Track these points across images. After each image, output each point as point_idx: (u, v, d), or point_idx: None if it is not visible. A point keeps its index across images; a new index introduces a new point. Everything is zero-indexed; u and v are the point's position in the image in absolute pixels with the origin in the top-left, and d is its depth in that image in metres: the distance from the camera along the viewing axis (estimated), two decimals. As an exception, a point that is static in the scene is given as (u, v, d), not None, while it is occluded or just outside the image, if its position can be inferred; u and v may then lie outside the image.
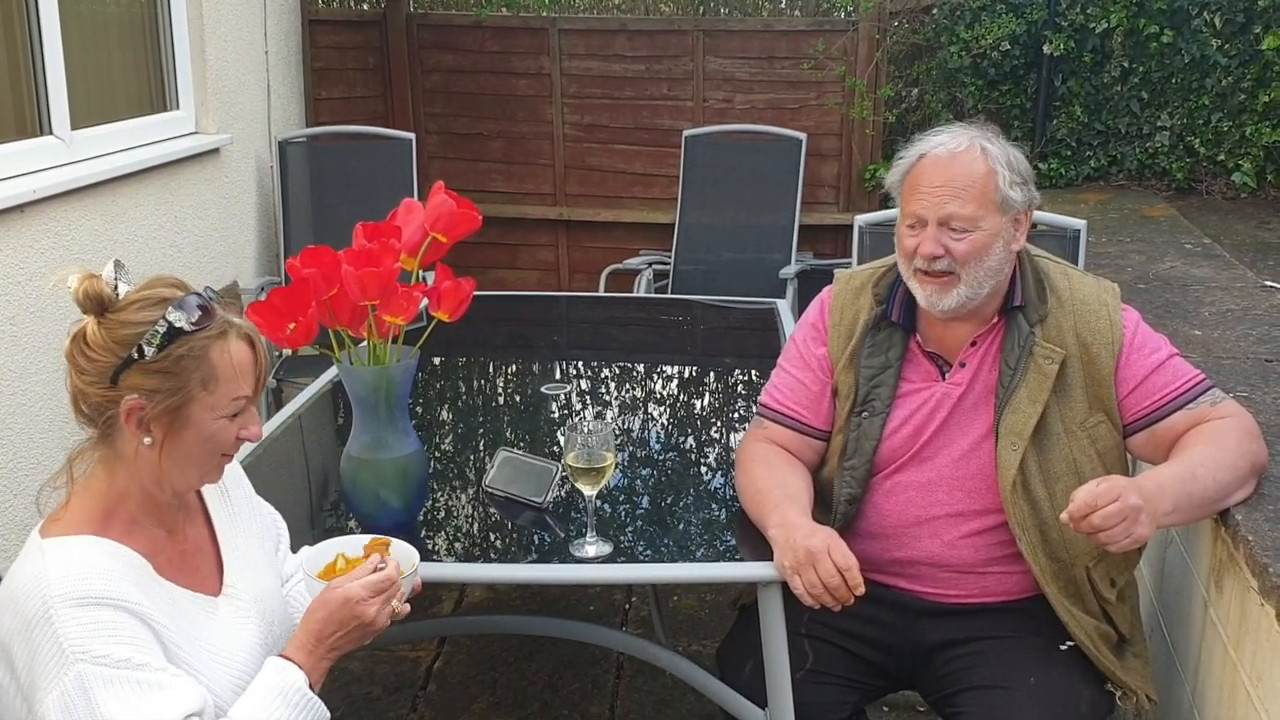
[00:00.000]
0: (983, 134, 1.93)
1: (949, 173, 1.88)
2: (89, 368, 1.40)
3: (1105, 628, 1.94)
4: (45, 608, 1.30)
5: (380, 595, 1.50)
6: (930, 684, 2.02)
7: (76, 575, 1.33)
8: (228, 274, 4.28)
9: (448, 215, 1.94)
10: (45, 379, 3.11)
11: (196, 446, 1.44)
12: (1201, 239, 3.86)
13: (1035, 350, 1.91)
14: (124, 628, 1.33)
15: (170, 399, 1.40)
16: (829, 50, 5.02)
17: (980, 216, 1.87)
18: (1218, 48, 4.53)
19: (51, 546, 1.37)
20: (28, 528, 3.00)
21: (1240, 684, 1.75)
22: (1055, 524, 1.89)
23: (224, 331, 1.44)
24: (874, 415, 1.99)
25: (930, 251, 1.88)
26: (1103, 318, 1.94)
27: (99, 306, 1.41)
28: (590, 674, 3.01)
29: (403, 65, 5.37)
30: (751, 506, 1.98)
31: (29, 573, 1.34)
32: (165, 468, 1.43)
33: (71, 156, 3.39)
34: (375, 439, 1.93)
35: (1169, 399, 1.91)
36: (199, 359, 1.41)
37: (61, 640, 1.29)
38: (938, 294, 1.91)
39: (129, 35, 3.94)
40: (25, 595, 1.32)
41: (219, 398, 1.43)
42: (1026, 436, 1.89)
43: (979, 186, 1.87)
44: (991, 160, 1.89)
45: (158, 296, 1.42)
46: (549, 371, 3.00)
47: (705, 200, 4.91)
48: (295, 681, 1.45)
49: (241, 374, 1.45)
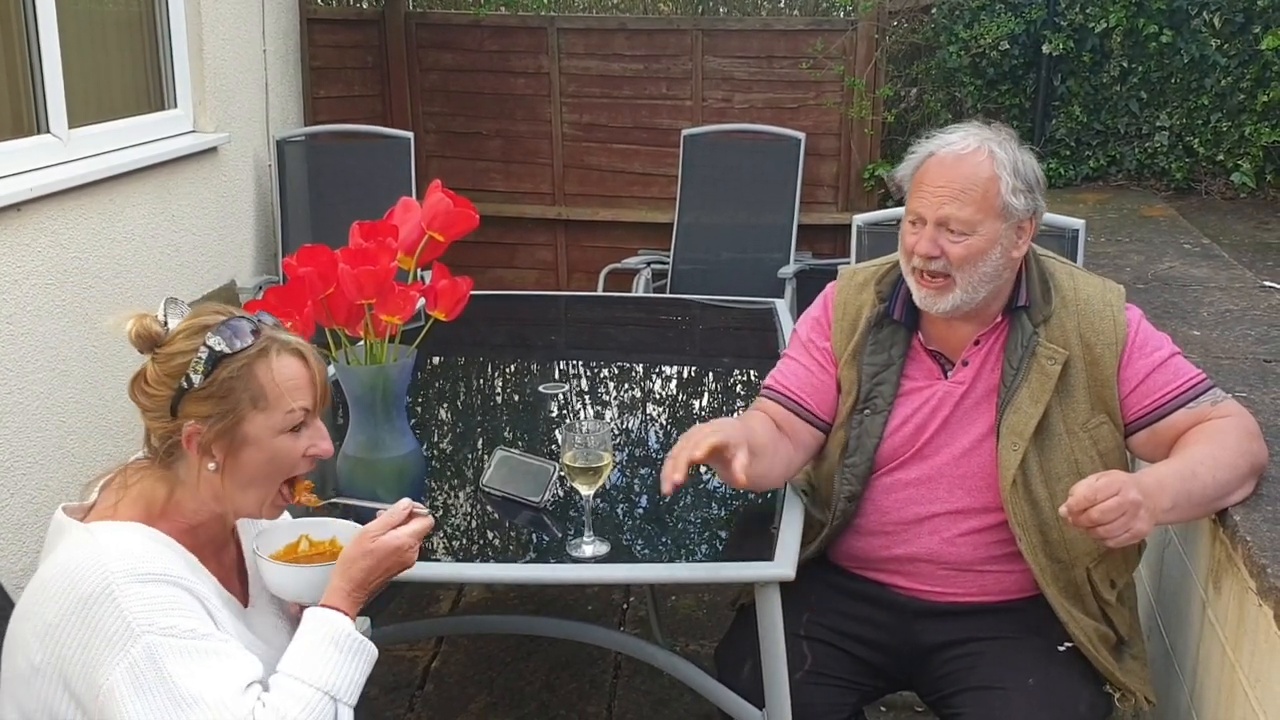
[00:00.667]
0: (996, 136, 1.92)
1: (952, 174, 1.87)
2: (150, 404, 1.45)
3: (1104, 629, 1.94)
4: (106, 584, 1.33)
5: (419, 540, 1.54)
6: (928, 685, 2.01)
7: (136, 555, 1.37)
8: (225, 273, 4.28)
9: (445, 214, 1.94)
10: (42, 377, 3.11)
11: (259, 467, 1.47)
12: (1200, 239, 3.85)
13: (1038, 350, 1.91)
14: (184, 602, 1.37)
15: (223, 421, 1.43)
16: (828, 50, 5.02)
17: (979, 221, 1.86)
18: (1217, 48, 4.53)
19: (101, 530, 1.40)
20: (25, 526, 3.02)
21: (1238, 684, 1.74)
22: (1056, 524, 1.89)
23: (266, 349, 1.46)
24: (876, 413, 1.98)
25: (925, 251, 1.88)
26: (1106, 318, 1.93)
27: (151, 344, 1.46)
28: (588, 674, 3.01)
29: (401, 64, 5.37)
30: None
31: (81, 555, 1.36)
32: (228, 490, 1.47)
33: (69, 155, 3.38)
34: (372, 439, 1.93)
35: (1170, 397, 1.90)
36: (245, 379, 1.44)
37: (126, 614, 1.32)
38: (932, 297, 1.91)
39: (126, 33, 3.93)
40: (81, 574, 1.34)
41: (273, 414, 1.45)
42: (1027, 436, 1.89)
43: (980, 190, 1.86)
44: (997, 165, 1.88)
45: (199, 325, 1.45)
46: (547, 371, 2.99)
47: (704, 200, 4.91)
48: (344, 628, 1.47)
49: (293, 389, 1.47)
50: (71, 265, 3.26)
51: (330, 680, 1.44)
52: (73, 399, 3.24)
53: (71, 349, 3.23)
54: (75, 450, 3.25)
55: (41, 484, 3.11)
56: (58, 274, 3.20)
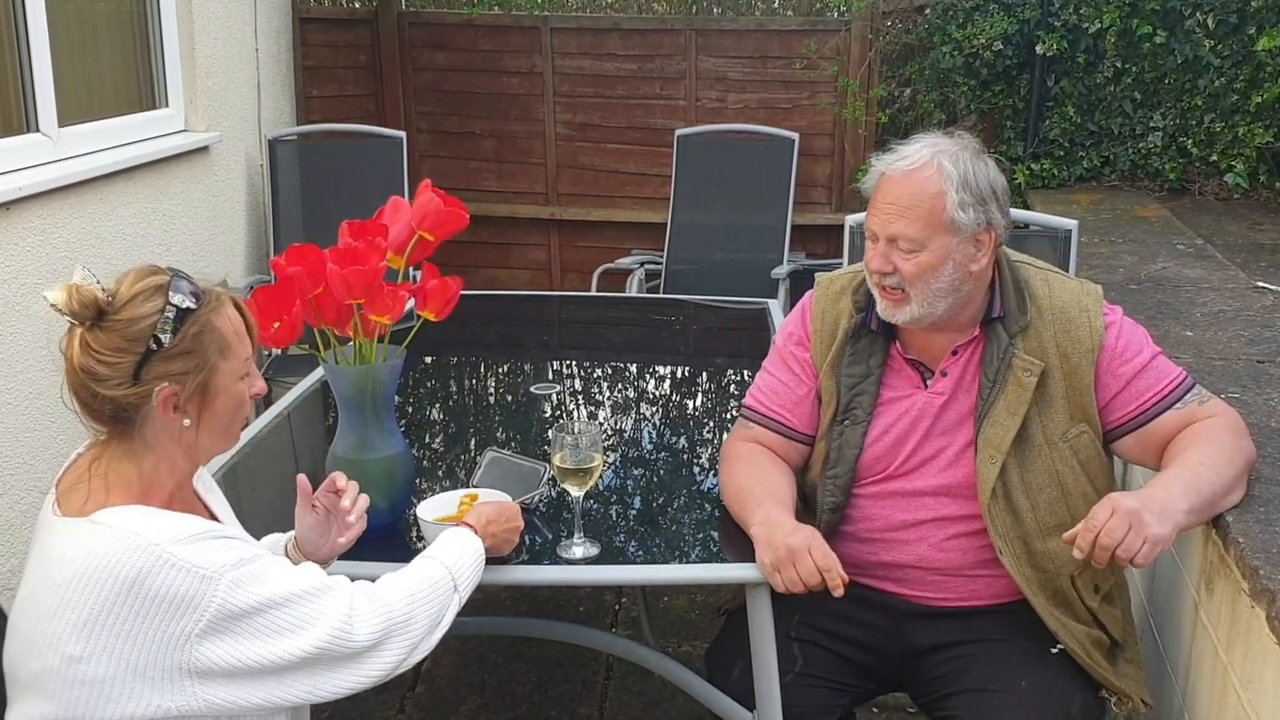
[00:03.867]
0: (950, 148, 1.89)
1: (899, 191, 1.87)
2: (110, 373, 1.40)
3: (1096, 633, 1.93)
4: (157, 555, 1.33)
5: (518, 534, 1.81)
6: (920, 687, 2.01)
7: (171, 524, 1.38)
8: (217, 273, 4.26)
9: (435, 213, 1.92)
10: (31, 377, 3.09)
11: (230, 412, 1.52)
12: (1194, 240, 3.85)
13: (1014, 363, 1.90)
14: (237, 542, 1.42)
15: (199, 375, 1.45)
16: (822, 50, 5.02)
17: (926, 238, 1.85)
18: (1210, 48, 4.53)
19: (113, 517, 1.38)
20: (14, 526, 3.01)
21: (1231, 687, 1.74)
22: (1038, 535, 1.89)
23: (219, 300, 1.50)
24: (855, 424, 1.98)
25: (878, 267, 1.89)
26: (1082, 325, 1.92)
27: (96, 312, 1.41)
28: (579, 675, 3.00)
29: (394, 64, 5.36)
30: (734, 505, 1.97)
31: (107, 544, 1.35)
32: (202, 442, 1.50)
33: (59, 154, 3.36)
34: (361, 439, 1.91)
35: (1157, 399, 1.90)
36: (211, 331, 1.46)
37: (194, 569, 1.34)
38: (891, 309, 1.92)
39: (117, 32, 3.92)
40: (119, 560, 1.33)
41: (234, 361, 1.50)
42: (1005, 449, 1.88)
43: (926, 207, 1.85)
44: (945, 179, 1.85)
45: (154, 285, 1.43)
46: (540, 371, 2.98)
47: (698, 200, 4.90)
48: (477, 546, 1.69)
49: (242, 335, 1.52)
50: (61, 265, 3.25)
51: (455, 563, 1.63)
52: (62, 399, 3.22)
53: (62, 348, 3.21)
54: (64, 450, 3.18)
55: (30, 484, 3.09)
56: (48, 274, 3.18)
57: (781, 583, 1.77)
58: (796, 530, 1.80)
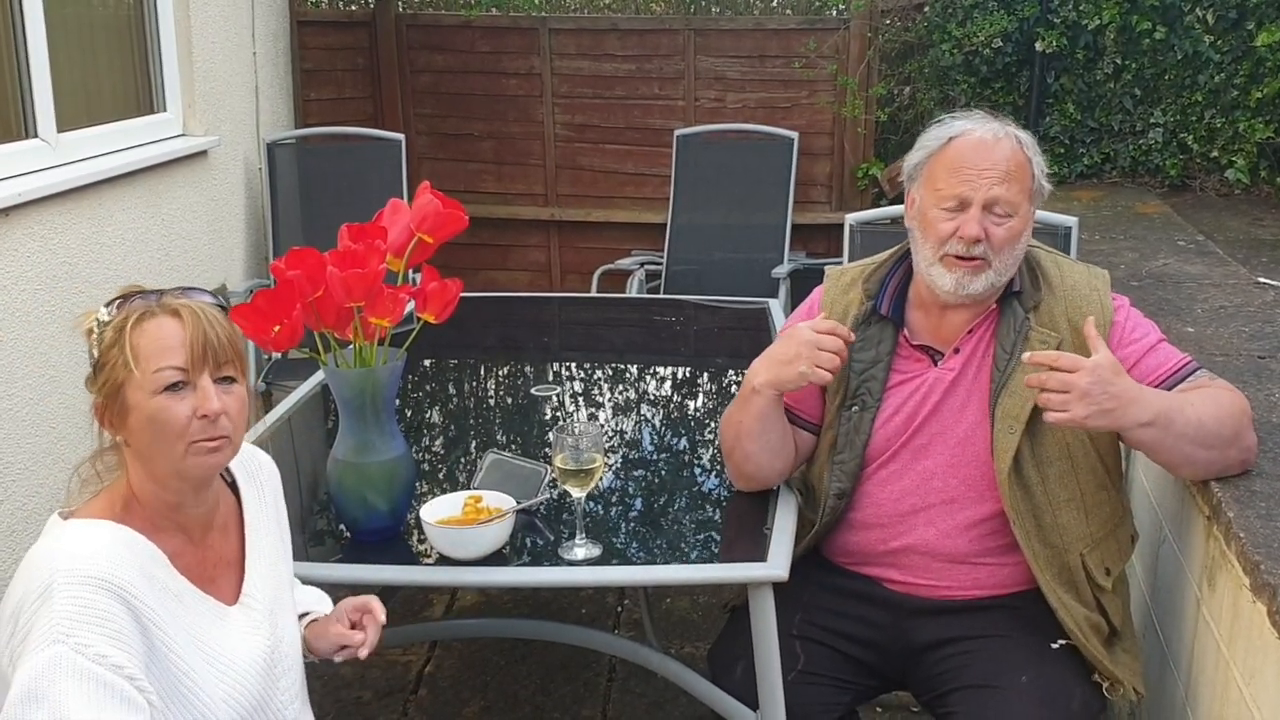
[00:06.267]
0: (1006, 123, 1.94)
1: (994, 156, 1.87)
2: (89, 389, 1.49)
3: (1096, 618, 1.93)
4: (49, 581, 1.33)
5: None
6: (922, 684, 2.00)
7: (86, 554, 1.35)
8: (216, 277, 4.26)
9: (434, 215, 1.92)
10: (31, 384, 3.09)
11: (145, 431, 1.43)
12: (1195, 236, 3.85)
13: (1031, 335, 1.92)
14: (115, 620, 1.33)
15: (106, 388, 1.45)
16: (820, 49, 5.01)
17: (1020, 203, 1.89)
18: (1210, 44, 4.52)
19: (71, 526, 1.42)
20: (15, 532, 3.00)
21: (1233, 681, 1.74)
22: (1048, 509, 1.90)
23: (143, 313, 1.44)
24: (865, 409, 1.98)
25: (974, 234, 1.86)
26: (1094, 302, 1.94)
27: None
28: (582, 677, 2.99)
29: (392, 66, 5.36)
30: (730, 434, 2.02)
31: (45, 547, 1.38)
32: (138, 463, 1.46)
33: (57, 159, 3.36)
34: (361, 442, 1.91)
35: (1164, 377, 1.91)
36: (120, 345, 1.44)
37: (54, 616, 1.30)
38: (968, 277, 1.89)
39: (115, 37, 3.91)
40: (37, 567, 1.35)
41: (144, 375, 1.42)
42: (1024, 420, 1.88)
43: (1021, 173, 1.89)
44: (1027, 149, 1.91)
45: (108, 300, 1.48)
46: (541, 373, 2.98)
47: (697, 200, 4.90)
48: None
49: (162, 349, 1.43)
50: (61, 270, 3.25)
51: None
52: (62, 404, 3.22)
53: (61, 354, 3.21)
54: (65, 456, 3.23)
55: (32, 490, 3.09)
56: (47, 279, 3.18)
57: (809, 365, 1.87)
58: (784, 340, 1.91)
